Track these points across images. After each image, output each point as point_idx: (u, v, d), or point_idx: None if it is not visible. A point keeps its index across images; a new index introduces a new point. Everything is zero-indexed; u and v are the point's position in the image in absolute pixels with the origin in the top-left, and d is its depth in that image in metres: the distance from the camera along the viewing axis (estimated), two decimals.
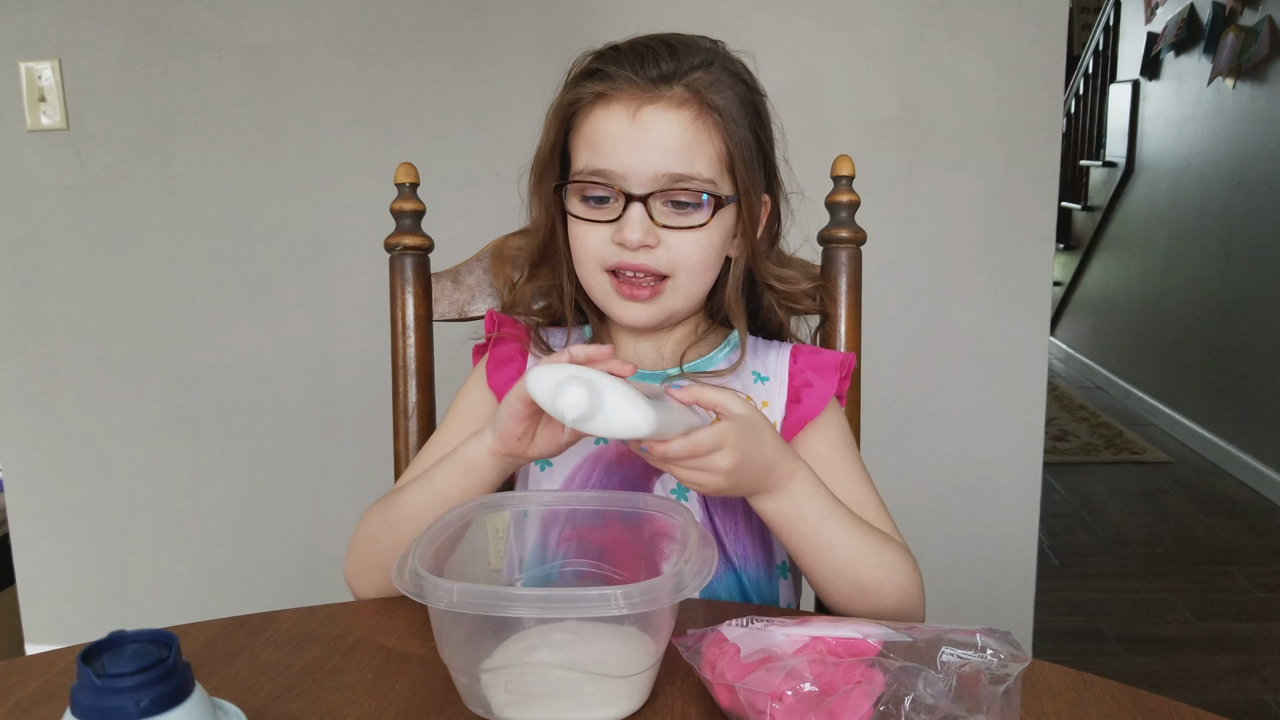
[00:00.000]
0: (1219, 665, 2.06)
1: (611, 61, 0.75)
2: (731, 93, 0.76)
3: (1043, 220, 1.69)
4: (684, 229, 0.75)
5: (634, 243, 0.74)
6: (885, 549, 0.73)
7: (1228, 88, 3.31)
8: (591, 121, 0.76)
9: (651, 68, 0.74)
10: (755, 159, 0.78)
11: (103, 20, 1.72)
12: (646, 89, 0.74)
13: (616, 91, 0.74)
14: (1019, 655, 0.56)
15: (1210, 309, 3.45)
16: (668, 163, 0.73)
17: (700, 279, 0.78)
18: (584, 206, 0.77)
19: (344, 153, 1.75)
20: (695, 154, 0.74)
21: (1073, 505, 3.01)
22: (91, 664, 0.39)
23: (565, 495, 0.74)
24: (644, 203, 0.74)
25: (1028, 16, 1.63)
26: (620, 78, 0.74)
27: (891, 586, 0.72)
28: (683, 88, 0.74)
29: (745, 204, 0.78)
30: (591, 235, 0.77)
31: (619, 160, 0.74)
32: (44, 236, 1.81)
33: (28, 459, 1.90)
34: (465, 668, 0.59)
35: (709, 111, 0.74)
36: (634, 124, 0.73)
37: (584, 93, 0.76)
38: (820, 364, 0.83)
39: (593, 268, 0.78)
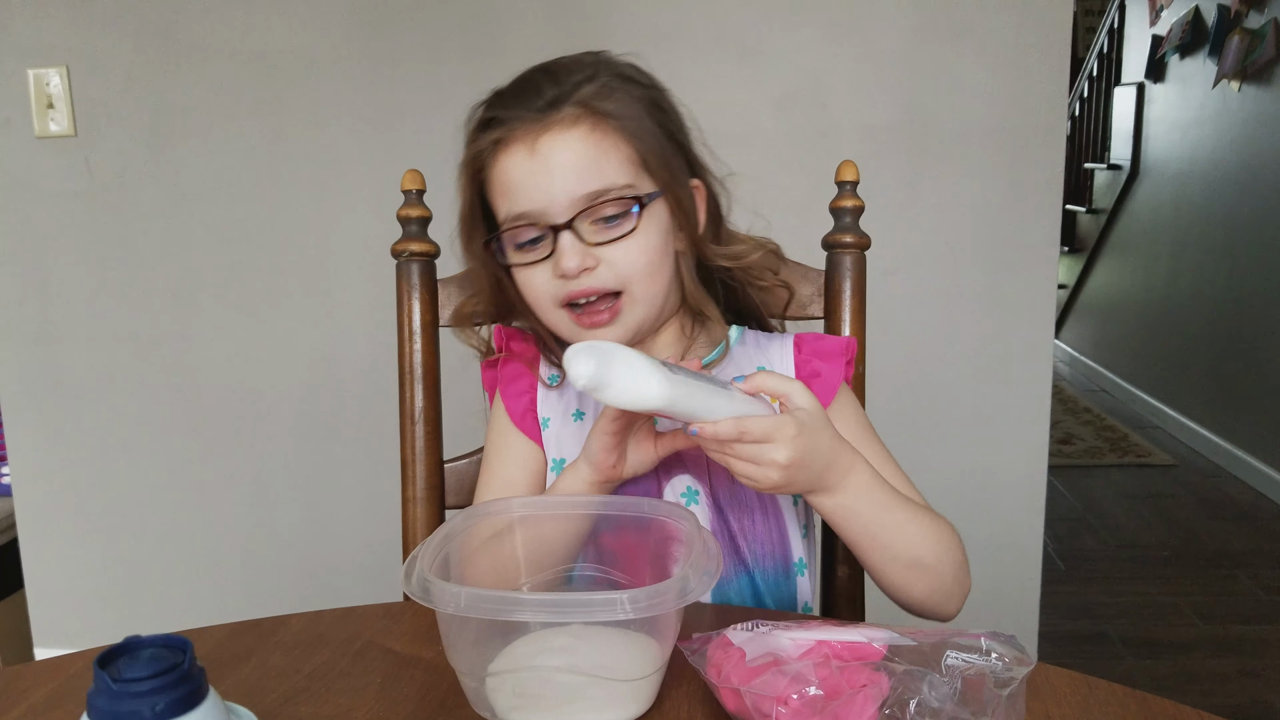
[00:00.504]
0: (1224, 668, 2.06)
1: (499, 106, 0.76)
2: (624, 95, 0.76)
3: (1047, 223, 1.69)
4: (617, 240, 0.75)
5: (573, 270, 0.73)
6: (940, 528, 0.74)
7: (1233, 90, 3.31)
8: (497, 170, 0.76)
9: (536, 99, 0.74)
10: (669, 150, 0.78)
11: (111, 28, 1.74)
12: (538, 120, 0.74)
13: (511, 132, 0.74)
14: (1024, 659, 0.56)
15: (1215, 312, 3.44)
16: (579, 183, 0.73)
17: (653, 283, 0.77)
18: (519, 253, 0.77)
19: (350, 159, 1.76)
20: (603, 165, 0.74)
21: (1078, 509, 3.01)
22: (107, 669, 0.39)
23: (573, 500, 0.75)
24: (570, 229, 0.74)
25: (1031, 20, 1.63)
26: (511, 118, 0.74)
27: (949, 563, 0.74)
28: (573, 107, 0.74)
29: (671, 197, 0.77)
30: (535, 278, 0.77)
31: (532, 197, 0.74)
32: (52, 242, 1.82)
33: (35, 463, 1.91)
34: (473, 671, 0.59)
35: (603, 120, 0.74)
36: (534, 157, 0.74)
37: (483, 144, 0.76)
38: (824, 350, 0.83)
39: (548, 308, 0.78)
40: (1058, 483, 3.18)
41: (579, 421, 0.83)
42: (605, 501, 0.73)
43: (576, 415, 0.83)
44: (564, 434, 0.83)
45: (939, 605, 0.75)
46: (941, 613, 0.76)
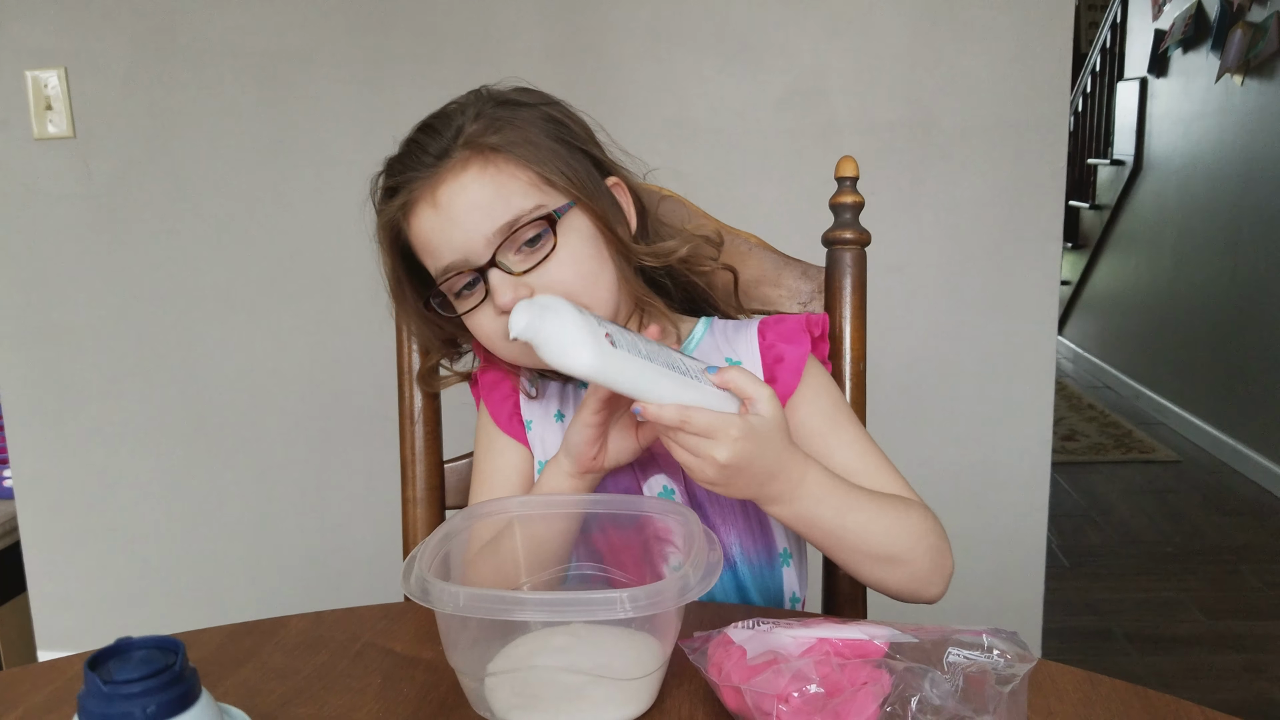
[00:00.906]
0: (1229, 664, 2.05)
1: (394, 172, 0.77)
2: (509, 124, 0.75)
3: (1050, 219, 1.69)
4: (542, 262, 0.74)
5: (508, 303, 0.73)
6: (908, 516, 0.73)
7: (1236, 85, 3.29)
8: (412, 232, 0.77)
9: (424, 155, 0.75)
10: (572, 160, 0.77)
11: (109, 29, 1.73)
12: (431, 174, 0.74)
13: (411, 193, 0.75)
14: (1026, 655, 0.56)
15: (1219, 307, 3.43)
16: (488, 221, 0.73)
17: (594, 290, 0.76)
18: (462, 301, 0.77)
19: (350, 159, 1.75)
20: (506, 196, 0.73)
21: (1082, 505, 3.00)
22: (98, 671, 0.39)
23: (571, 499, 0.74)
24: (494, 266, 0.73)
25: (1033, 15, 1.62)
26: (407, 180, 0.75)
27: (923, 550, 0.73)
28: (459, 150, 0.74)
29: (586, 204, 0.76)
30: (483, 322, 0.76)
31: (451, 247, 0.74)
32: (51, 244, 1.82)
33: (37, 466, 1.92)
34: (472, 672, 0.59)
35: (491, 154, 0.74)
36: (438, 210, 0.74)
37: (390, 212, 0.77)
38: (787, 332, 0.82)
39: (503, 345, 0.77)
40: (1061, 479, 3.17)
41: (560, 422, 0.83)
42: (602, 500, 0.72)
43: (558, 416, 0.83)
44: (547, 435, 0.83)
45: (917, 592, 0.75)
46: (921, 599, 0.75)
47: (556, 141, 0.77)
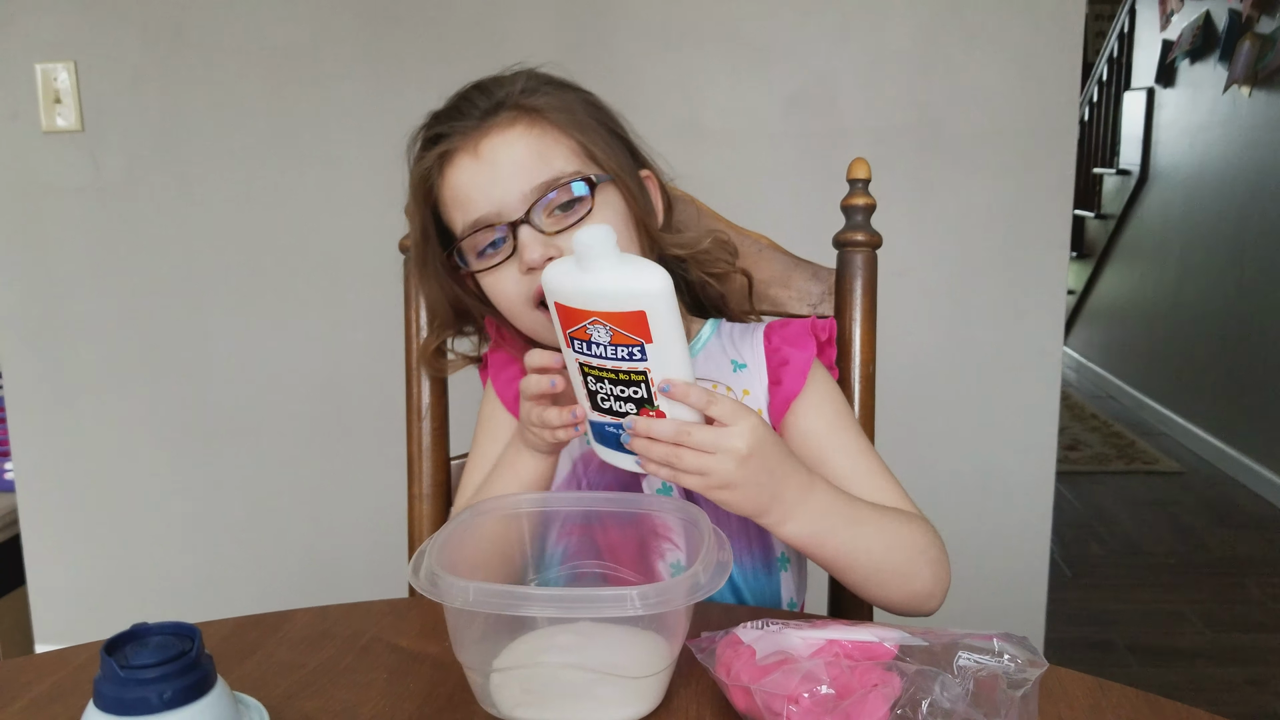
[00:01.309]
0: (1231, 676, 2.04)
1: (437, 123, 0.78)
2: (558, 96, 0.77)
3: (1057, 227, 1.69)
4: (576, 224, 0.74)
5: (537, 260, 0.72)
6: (911, 531, 0.73)
7: (1243, 95, 3.29)
8: (447, 183, 0.77)
9: (472, 110, 0.76)
10: (612, 142, 0.78)
11: (118, 23, 1.74)
12: (476, 126, 0.75)
13: (452, 144, 0.76)
14: (1036, 660, 0.55)
15: (1224, 318, 3.43)
16: (527, 178, 0.73)
17: None
18: (483, 260, 0.76)
19: (357, 155, 1.76)
20: (548, 157, 0.74)
21: (1085, 515, 2.99)
22: (115, 655, 0.39)
23: (578, 496, 0.74)
24: (527, 222, 0.73)
25: (1043, 23, 1.62)
26: (451, 131, 0.76)
27: (925, 563, 0.73)
28: (507, 110, 0.75)
29: (623, 184, 0.77)
30: (504, 282, 0.76)
31: (486, 200, 0.74)
32: (57, 238, 1.82)
33: (39, 460, 1.91)
34: (480, 667, 0.59)
35: (541, 116, 0.75)
36: (480, 161, 0.74)
37: (428, 161, 0.77)
38: (792, 335, 0.82)
39: (522, 310, 0.77)
40: (1064, 489, 3.17)
41: None
42: (607, 498, 0.72)
43: None
44: None
45: (919, 606, 0.74)
46: (921, 612, 0.75)
47: (597, 122, 0.78)
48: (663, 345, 0.60)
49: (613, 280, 0.60)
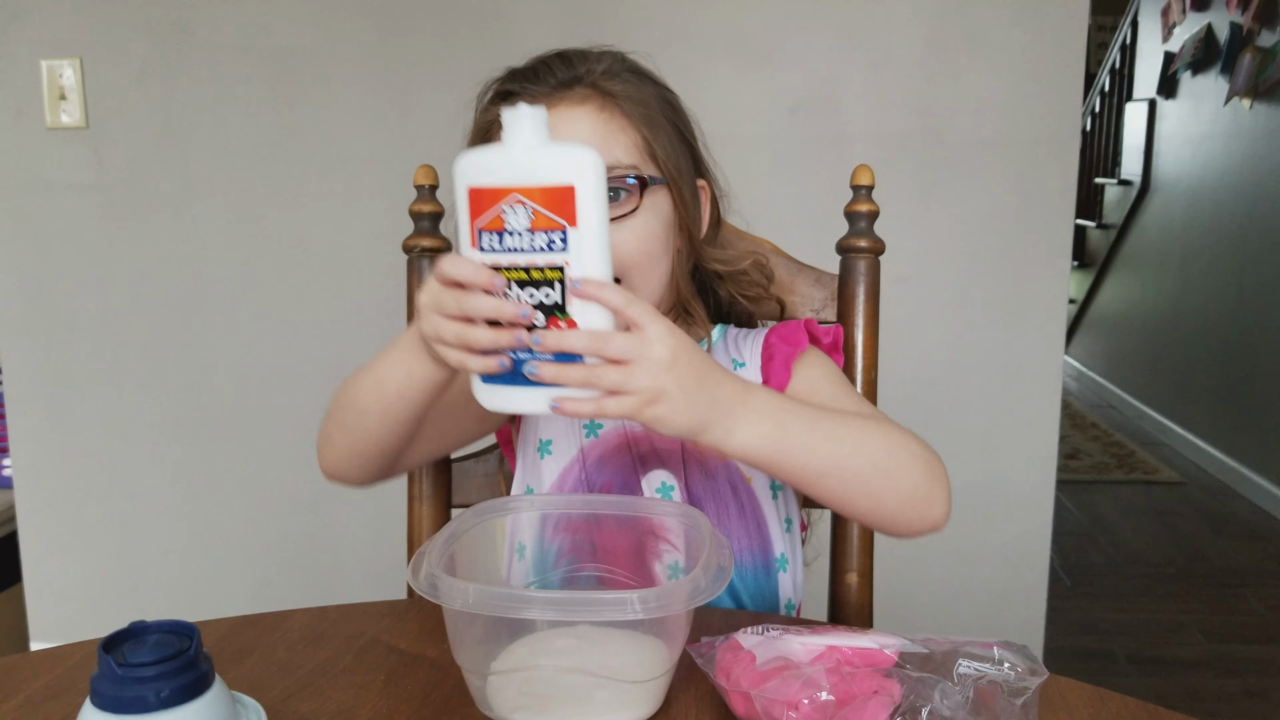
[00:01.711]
0: (1230, 688, 2.04)
1: (512, 80, 0.77)
2: (637, 86, 0.77)
3: (1058, 237, 1.69)
4: (618, 219, 0.72)
5: None
6: (886, 430, 0.69)
7: (1244, 108, 3.30)
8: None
9: (550, 77, 0.75)
10: (677, 145, 0.78)
11: (124, 21, 1.74)
12: (549, 95, 0.74)
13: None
14: (1037, 669, 0.55)
15: (1224, 329, 3.43)
16: None
17: (651, 274, 0.76)
18: None
19: (361, 154, 1.76)
20: (610, 144, 0.74)
21: (1084, 524, 2.99)
22: (112, 653, 0.39)
23: (575, 499, 0.74)
24: None
25: (1046, 32, 1.63)
26: (522, 90, 0.75)
27: (909, 458, 0.68)
28: (585, 87, 0.75)
29: (676, 189, 0.76)
30: None
31: None
32: (60, 234, 1.82)
33: (38, 457, 1.91)
34: (478, 669, 0.58)
35: (615, 103, 0.75)
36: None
37: (493, 114, 0.76)
38: (786, 333, 0.82)
39: None
40: (1064, 498, 3.16)
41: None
42: (610, 500, 0.72)
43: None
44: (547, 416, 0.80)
45: (921, 513, 0.69)
46: (927, 523, 0.69)
47: (669, 123, 0.78)
48: (587, 234, 0.55)
49: (541, 153, 0.55)
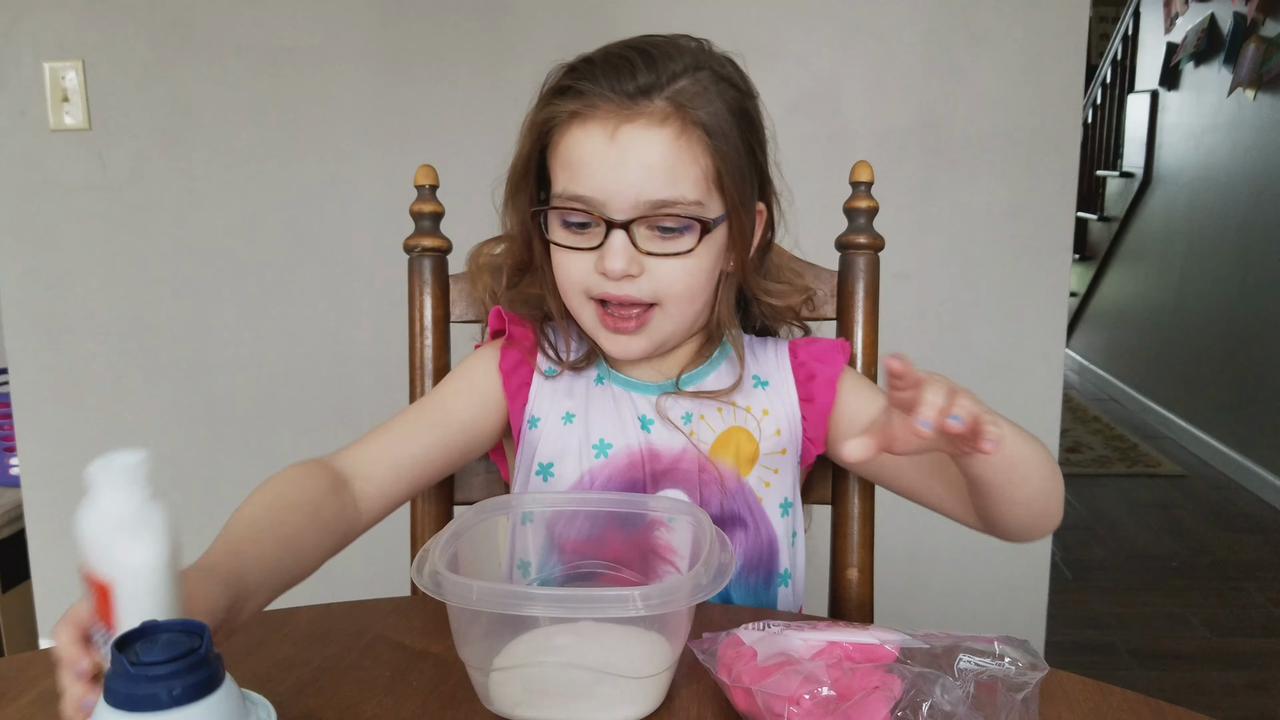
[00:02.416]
0: (1233, 681, 2.04)
1: (585, 76, 0.71)
2: (719, 102, 0.71)
3: (1059, 230, 1.69)
4: (669, 255, 0.71)
5: (616, 272, 0.70)
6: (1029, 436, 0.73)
7: (1248, 99, 3.29)
8: (568, 141, 0.71)
9: (628, 80, 0.69)
10: (746, 170, 0.74)
11: (126, 22, 1.74)
12: (624, 105, 0.69)
13: (592, 109, 0.69)
14: (1037, 664, 0.56)
15: (1227, 322, 3.43)
16: (650, 187, 0.69)
17: (690, 306, 0.75)
18: (564, 232, 0.73)
19: (363, 154, 1.76)
20: (679, 175, 0.70)
21: (1086, 518, 2.99)
22: (125, 652, 0.39)
23: (582, 497, 0.74)
24: (626, 230, 0.70)
25: (1047, 26, 1.63)
26: (595, 94, 0.69)
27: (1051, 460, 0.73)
28: (664, 101, 0.69)
29: (735, 221, 0.74)
30: (574, 264, 0.73)
31: (598, 185, 0.70)
32: (64, 235, 1.83)
33: (45, 455, 1.92)
34: (482, 666, 0.59)
35: (693, 127, 0.70)
36: (612, 144, 0.69)
37: (558, 111, 0.71)
38: (820, 352, 0.82)
39: (578, 297, 0.75)
40: (1066, 492, 3.15)
41: (568, 424, 0.80)
42: (612, 499, 0.72)
43: (566, 418, 0.81)
44: (552, 436, 0.80)
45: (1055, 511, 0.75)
46: (1057, 521, 0.76)
47: (742, 143, 0.73)
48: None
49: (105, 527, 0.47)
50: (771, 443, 0.80)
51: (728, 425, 0.80)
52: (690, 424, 0.79)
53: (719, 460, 0.79)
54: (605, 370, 0.82)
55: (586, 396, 0.81)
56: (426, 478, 0.79)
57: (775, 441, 0.80)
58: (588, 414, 0.80)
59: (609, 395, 0.81)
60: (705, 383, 0.81)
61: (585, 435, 0.79)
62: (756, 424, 0.80)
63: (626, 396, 0.81)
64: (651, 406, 0.80)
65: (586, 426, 0.79)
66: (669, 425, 0.79)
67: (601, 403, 0.80)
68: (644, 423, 0.79)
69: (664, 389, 0.80)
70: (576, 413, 0.80)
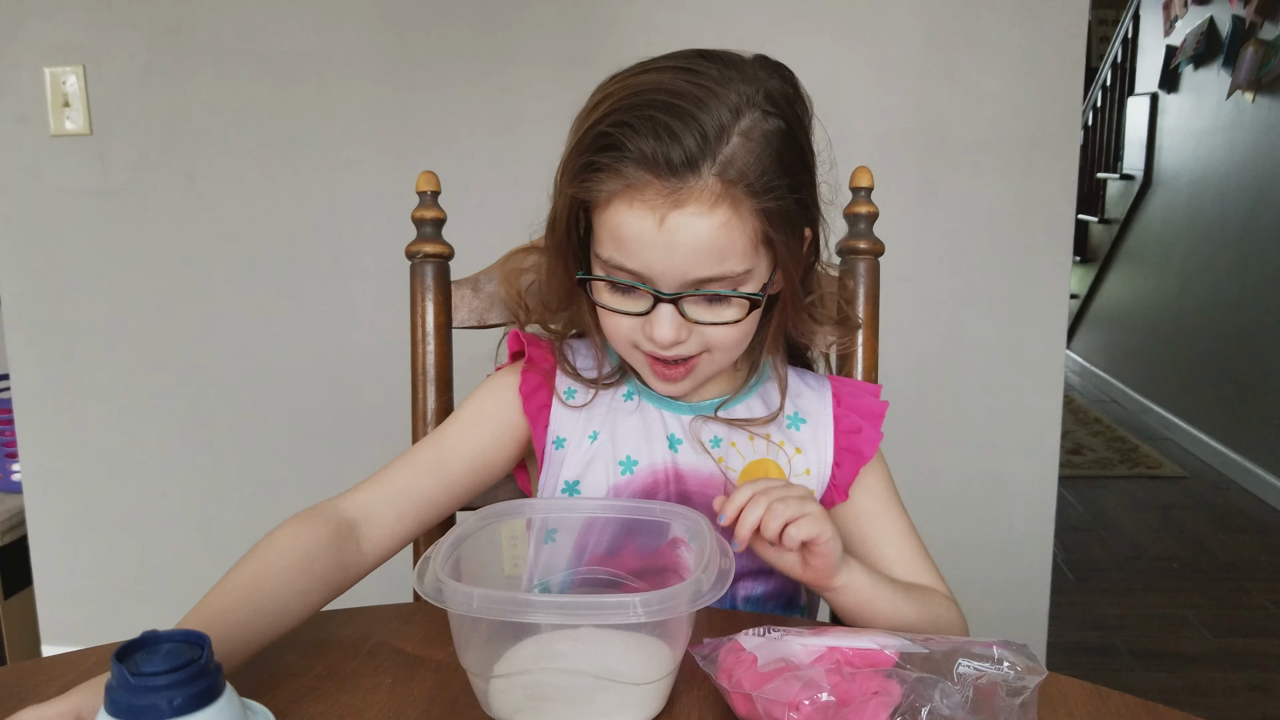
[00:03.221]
0: (1234, 682, 2.04)
1: (625, 143, 0.65)
2: (768, 153, 0.67)
3: (1060, 233, 1.69)
4: (717, 324, 0.71)
5: (666, 341, 0.70)
6: (942, 608, 0.75)
7: (1247, 101, 3.29)
8: (613, 214, 0.68)
9: (673, 148, 0.64)
10: (795, 212, 0.71)
11: (127, 27, 1.75)
12: (671, 186, 0.65)
13: (638, 192, 0.66)
14: (1036, 668, 0.56)
15: (1227, 323, 3.43)
16: (698, 267, 0.68)
17: (735, 353, 0.76)
18: (612, 296, 0.73)
19: (364, 159, 1.76)
20: (728, 251, 0.68)
21: (1087, 519, 2.99)
22: (126, 662, 0.40)
23: (587, 503, 0.74)
24: (674, 304, 0.70)
25: (1046, 28, 1.63)
26: (638, 175, 0.65)
27: (946, 627, 0.75)
28: (714, 178, 0.65)
29: (784, 275, 0.73)
30: (620, 323, 0.73)
31: (644, 260, 0.68)
32: (65, 240, 1.83)
33: (46, 461, 1.92)
34: (483, 672, 0.59)
35: (741, 200, 0.66)
36: (661, 230, 0.66)
37: (598, 191, 0.67)
38: (864, 409, 0.82)
39: (626, 347, 0.76)
40: (1067, 493, 3.17)
41: (594, 442, 0.80)
42: (619, 505, 0.72)
43: (592, 436, 0.80)
44: (577, 455, 0.80)
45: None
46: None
47: (792, 183, 0.69)
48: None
49: None
50: (799, 481, 0.79)
51: (759, 455, 0.79)
52: (720, 449, 0.79)
53: None
54: (636, 386, 0.82)
55: (613, 414, 0.81)
56: (433, 516, 0.79)
57: (803, 481, 0.79)
58: (614, 431, 0.80)
59: (638, 412, 0.80)
60: (739, 408, 0.80)
61: (612, 452, 0.79)
62: (788, 461, 0.79)
63: (658, 415, 0.80)
64: (682, 426, 0.79)
65: (613, 443, 0.79)
66: (698, 448, 0.79)
67: (629, 419, 0.80)
68: (672, 442, 0.79)
69: (698, 410, 0.80)
70: (601, 430, 0.80)
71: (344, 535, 0.72)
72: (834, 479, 0.80)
